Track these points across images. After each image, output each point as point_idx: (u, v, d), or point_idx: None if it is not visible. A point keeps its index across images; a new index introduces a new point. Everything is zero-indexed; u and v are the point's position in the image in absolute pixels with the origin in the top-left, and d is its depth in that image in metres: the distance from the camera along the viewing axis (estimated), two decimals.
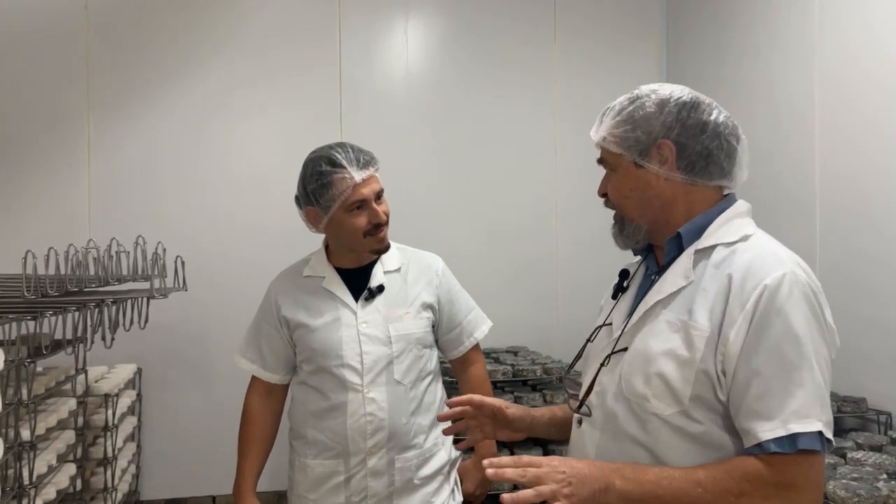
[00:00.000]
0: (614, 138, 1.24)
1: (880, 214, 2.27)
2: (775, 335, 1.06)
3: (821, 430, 1.02)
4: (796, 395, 1.03)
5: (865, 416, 2.28)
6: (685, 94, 1.24)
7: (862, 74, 2.35)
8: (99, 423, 2.36)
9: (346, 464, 1.79)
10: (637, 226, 1.26)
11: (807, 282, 1.10)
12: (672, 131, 1.21)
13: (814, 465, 1.03)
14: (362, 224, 1.77)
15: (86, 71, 2.96)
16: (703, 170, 1.22)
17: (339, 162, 1.76)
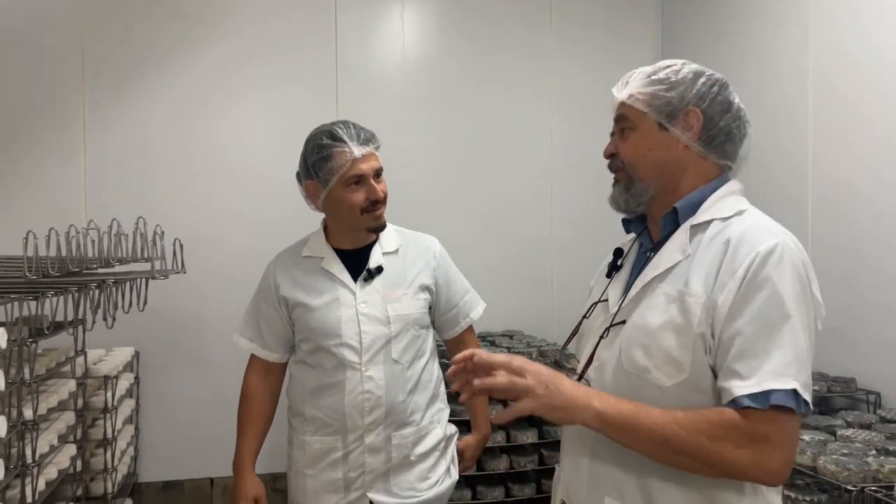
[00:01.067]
0: (643, 96, 1.25)
1: (871, 201, 2.31)
2: (761, 298, 1.09)
3: (795, 388, 1.04)
4: (774, 356, 1.06)
5: (855, 395, 2.32)
6: (717, 73, 1.29)
7: (854, 65, 2.37)
8: (98, 404, 2.38)
9: (343, 440, 1.82)
10: (645, 188, 1.27)
11: (799, 255, 1.13)
12: (703, 101, 1.24)
13: (787, 423, 1.05)
14: (360, 200, 1.79)
15: (80, 53, 2.95)
16: (720, 146, 1.25)
17: (339, 136, 1.78)
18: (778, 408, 1.04)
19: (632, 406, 1.11)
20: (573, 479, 1.30)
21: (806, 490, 1.86)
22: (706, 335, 1.12)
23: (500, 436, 2.69)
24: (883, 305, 2.26)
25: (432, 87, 3.28)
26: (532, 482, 2.77)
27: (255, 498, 1.87)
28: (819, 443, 1.88)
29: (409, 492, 1.85)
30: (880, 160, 2.27)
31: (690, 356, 1.12)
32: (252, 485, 1.88)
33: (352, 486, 1.82)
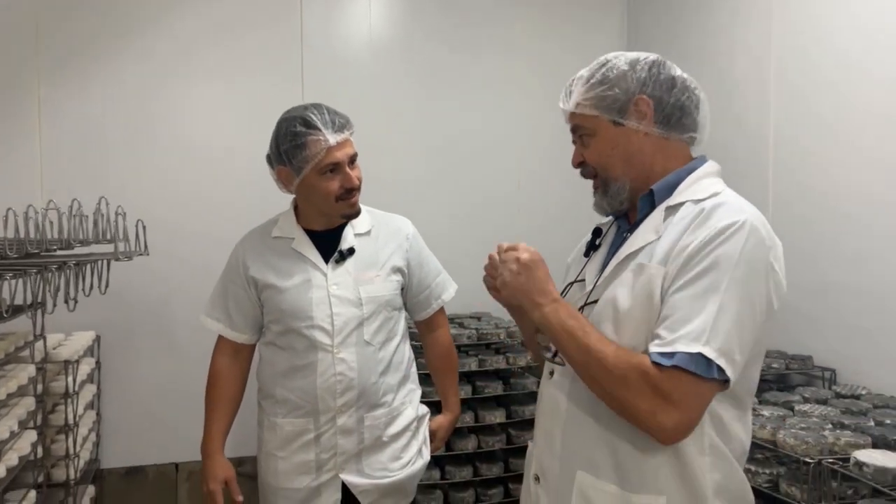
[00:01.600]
0: (589, 101, 1.27)
1: (830, 182, 2.37)
2: (699, 268, 1.12)
3: (702, 352, 1.07)
4: (693, 322, 1.10)
5: (811, 372, 2.40)
6: (650, 54, 1.30)
7: (818, 45, 2.42)
8: (58, 389, 2.33)
9: (315, 422, 1.81)
10: (621, 185, 1.29)
11: (761, 233, 1.16)
12: (647, 86, 1.26)
13: (690, 385, 1.09)
14: (334, 188, 1.77)
15: (35, 29, 2.84)
16: (678, 122, 1.27)
17: (314, 123, 1.74)
18: (681, 369, 1.08)
19: (577, 324, 1.18)
20: (546, 453, 1.33)
21: (765, 463, 1.91)
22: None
23: (469, 416, 2.72)
24: (839, 284, 2.33)
25: (399, 64, 3.25)
26: (500, 461, 2.80)
27: (224, 480, 1.85)
28: (778, 418, 1.94)
29: (381, 472, 1.86)
30: (840, 140, 2.33)
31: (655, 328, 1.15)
32: (222, 467, 1.86)
33: (324, 468, 1.82)
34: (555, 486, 1.29)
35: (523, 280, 1.24)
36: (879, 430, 1.80)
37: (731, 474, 1.21)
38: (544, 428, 1.35)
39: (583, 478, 1.24)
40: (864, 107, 2.24)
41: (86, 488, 2.63)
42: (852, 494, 1.71)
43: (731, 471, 1.20)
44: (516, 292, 1.26)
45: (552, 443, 1.31)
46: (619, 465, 1.21)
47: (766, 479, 1.86)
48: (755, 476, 1.87)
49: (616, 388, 1.13)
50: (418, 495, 2.69)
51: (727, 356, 1.09)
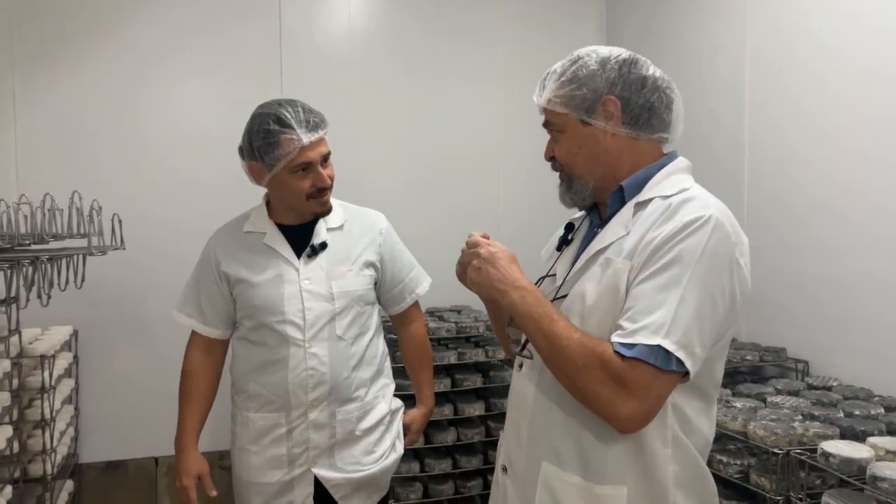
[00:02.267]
0: (559, 99, 1.27)
1: (806, 174, 2.38)
2: (662, 262, 1.14)
3: (661, 344, 1.09)
4: (655, 314, 1.11)
5: (784, 364, 2.42)
6: (623, 52, 1.29)
7: (792, 34, 2.44)
8: (34, 384, 2.32)
9: (287, 416, 1.81)
10: (584, 183, 1.30)
11: (726, 229, 1.16)
12: (616, 87, 1.25)
13: (649, 376, 1.10)
14: (306, 187, 1.76)
15: (8, 20, 2.81)
16: (647, 123, 1.27)
17: (287, 122, 1.73)
18: (641, 360, 1.10)
19: (544, 311, 1.19)
20: (513, 444, 1.34)
21: (737, 454, 1.93)
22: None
23: (448, 409, 2.73)
24: (814, 275, 2.35)
25: (379, 57, 3.24)
26: (479, 454, 2.82)
27: (198, 475, 1.85)
28: (750, 409, 1.96)
29: (353, 466, 1.87)
30: (816, 132, 2.34)
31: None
32: (195, 462, 1.86)
33: (296, 462, 1.82)
34: (521, 477, 1.31)
35: (485, 273, 1.26)
36: (848, 420, 1.82)
37: (693, 466, 1.22)
38: (512, 419, 1.36)
39: (547, 469, 1.25)
40: (840, 98, 2.25)
41: (63, 483, 2.63)
42: (820, 484, 1.74)
43: (692, 463, 1.22)
44: (482, 286, 1.28)
45: (519, 434, 1.32)
46: (582, 456, 1.22)
47: (737, 470, 1.88)
48: (726, 467, 1.89)
49: (578, 375, 1.14)
50: (398, 488, 2.71)
51: (686, 349, 1.11)
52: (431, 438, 2.72)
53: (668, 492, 1.19)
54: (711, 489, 1.27)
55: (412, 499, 2.72)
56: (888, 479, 1.44)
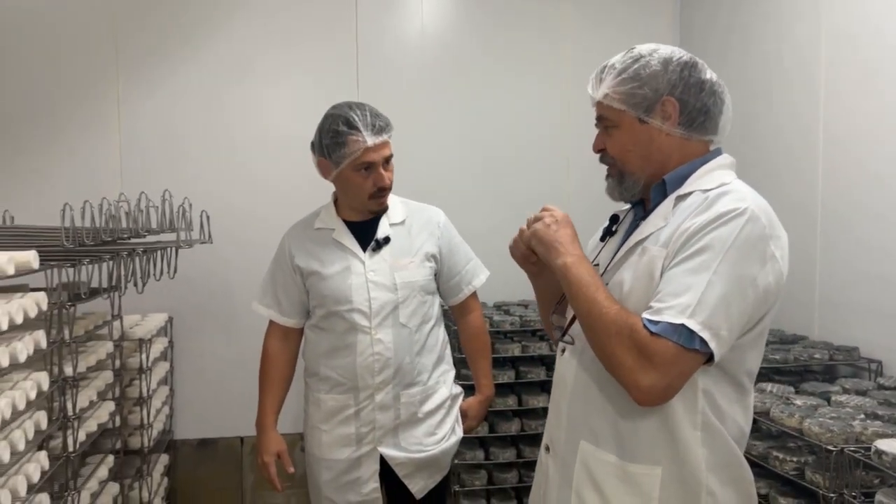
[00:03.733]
0: (618, 95, 1.31)
1: (882, 172, 2.31)
2: (694, 248, 1.18)
3: (684, 323, 1.14)
4: (683, 297, 1.16)
5: (857, 364, 2.37)
6: (685, 54, 1.33)
7: (869, 31, 2.38)
8: (134, 365, 2.56)
9: (355, 398, 1.95)
10: (636, 179, 1.35)
11: (761, 222, 1.20)
12: (676, 89, 1.29)
13: (671, 353, 1.15)
14: (368, 186, 1.90)
15: (114, 34, 3.09)
16: (701, 125, 1.31)
17: (354, 124, 1.86)
18: (664, 337, 1.15)
19: (592, 280, 1.25)
20: (554, 424, 1.42)
21: (796, 452, 1.93)
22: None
23: (512, 399, 2.81)
24: (888, 275, 2.29)
25: (450, 62, 3.34)
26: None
27: (277, 452, 2.02)
28: (811, 407, 1.94)
29: (416, 446, 1.98)
30: (891, 129, 2.29)
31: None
32: (274, 441, 2.03)
33: (363, 441, 1.96)
34: (561, 456, 1.38)
35: (553, 231, 1.32)
36: None
37: (727, 452, 1.26)
38: (554, 401, 1.44)
39: (585, 447, 1.32)
40: None
41: (159, 456, 2.87)
42: (879, 484, 1.71)
43: (726, 449, 1.26)
44: (544, 240, 1.32)
45: (559, 415, 1.40)
46: (618, 435, 1.28)
47: (793, 467, 1.87)
48: (783, 464, 1.89)
49: (608, 342, 1.20)
50: (463, 475, 2.82)
51: (711, 330, 1.15)
52: (496, 428, 2.81)
53: (701, 475, 1.23)
54: (748, 476, 1.30)
55: (477, 485, 2.82)
56: None
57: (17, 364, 1.59)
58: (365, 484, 1.96)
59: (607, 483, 1.29)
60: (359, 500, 1.97)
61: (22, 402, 1.59)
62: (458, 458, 2.76)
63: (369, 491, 1.97)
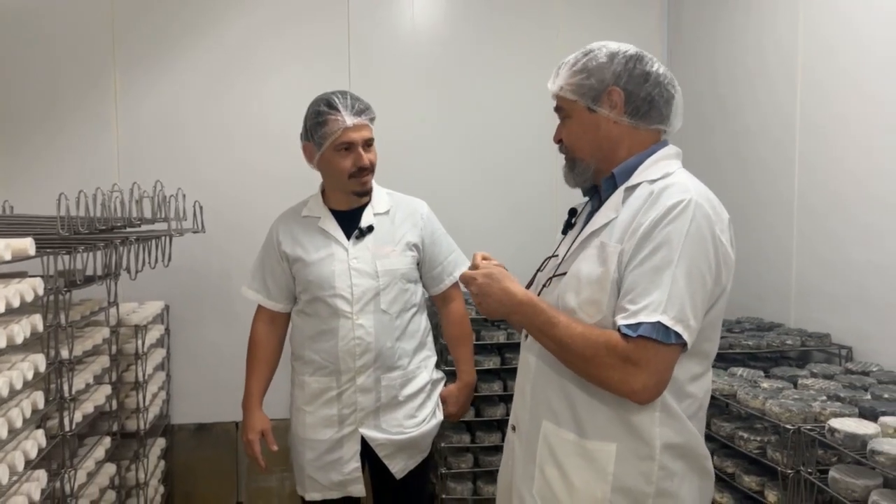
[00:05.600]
0: (570, 87, 1.42)
1: (857, 166, 2.37)
2: (651, 247, 1.27)
3: (661, 321, 1.22)
4: (652, 294, 1.24)
5: (828, 350, 2.44)
6: (631, 48, 1.43)
7: (848, 16, 2.44)
8: (130, 350, 2.64)
9: (337, 380, 2.03)
10: (586, 165, 1.44)
11: (705, 209, 1.28)
12: (621, 79, 1.39)
13: (654, 351, 1.24)
14: (347, 165, 1.98)
15: (111, 27, 3.17)
16: (646, 114, 1.40)
17: (335, 105, 1.97)
18: (646, 337, 1.23)
19: (545, 319, 1.33)
20: (520, 405, 1.51)
21: (761, 432, 2.00)
22: (619, 280, 1.30)
23: (497, 385, 2.88)
24: (859, 263, 2.35)
25: (441, 54, 3.41)
26: None
27: (261, 431, 2.11)
28: (776, 390, 2.02)
29: (397, 428, 2.07)
30: (869, 121, 2.35)
31: (607, 298, 1.31)
32: (259, 420, 2.12)
33: (345, 422, 2.04)
34: (526, 435, 1.47)
35: (486, 304, 1.40)
36: (872, 402, 1.86)
37: (682, 430, 1.34)
38: (519, 384, 1.53)
39: (546, 426, 1.41)
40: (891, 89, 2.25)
41: (155, 440, 2.97)
42: (837, 461, 1.79)
43: (681, 427, 1.34)
44: (491, 314, 1.43)
45: (524, 397, 1.49)
46: (576, 415, 1.37)
47: (756, 446, 1.95)
48: (747, 443, 1.97)
49: (588, 366, 1.29)
50: (450, 458, 2.90)
51: (682, 322, 1.24)
52: (482, 412, 2.89)
53: (656, 451, 1.32)
54: (702, 453, 1.39)
55: (463, 468, 2.90)
56: (884, 453, 1.50)
57: (14, 346, 1.67)
58: (346, 464, 2.05)
59: (567, 459, 1.38)
60: (340, 479, 2.06)
61: (19, 382, 1.68)
62: (444, 442, 2.85)
63: (350, 471, 2.06)
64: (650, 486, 1.32)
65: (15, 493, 1.69)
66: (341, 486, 2.07)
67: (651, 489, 1.32)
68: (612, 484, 1.33)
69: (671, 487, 1.34)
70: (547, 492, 1.40)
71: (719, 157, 3.03)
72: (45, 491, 1.82)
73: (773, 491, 1.92)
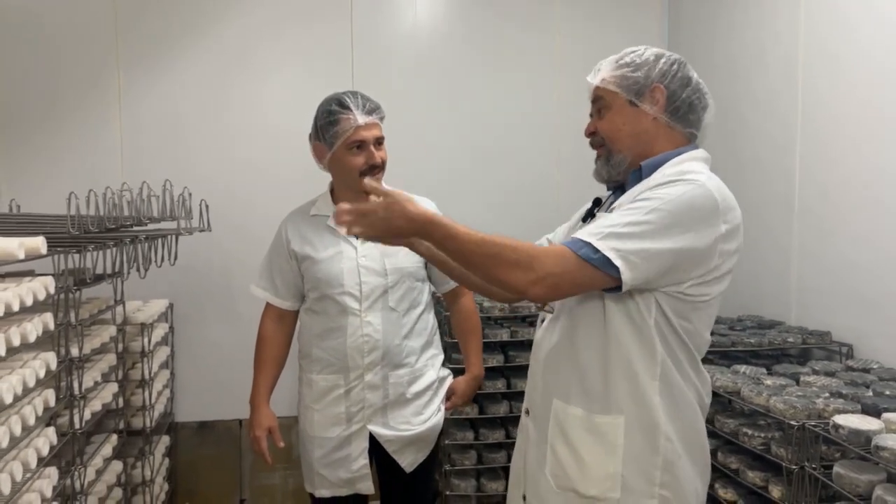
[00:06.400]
0: (614, 79, 1.45)
1: (856, 167, 2.41)
2: (639, 198, 1.31)
3: (590, 241, 1.26)
4: (599, 226, 1.29)
5: (829, 347, 2.48)
6: (675, 54, 1.47)
7: (848, 23, 2.46)
8: (136, 349, 2.66)
9: (345, 378, 2.05)
10: (623, 157, 1.46)
11: (713, 194, 1.31)
12: (665, 78, 1.43)
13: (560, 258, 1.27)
14: (359, 163, 2.00)
15: (114, 27, 3.17)
16: (684, 116, 1.44)
17: (346, 104, 1.99)
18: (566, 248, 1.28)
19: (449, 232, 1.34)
20: (532, 388, 1.56)
21: (765, 429, 2.03)
22: None
23: (501, 383, 2.91)
24: (857, 264, 2.39)
25: (443, 53, 3.43)
26: None
27: (268, 428, 2.13)
28: (779, 387, 2.05)
29: (404, 425, 2.09)
30: (863, 126, 2.38)
31: None
32: (266, 417, 2.14)
33: (353, 419, 2.06)
34: (539, 415, 1.51)
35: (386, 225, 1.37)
36: (874, 399, 1.89)
37: (684, 406, 1.38)
38: (532, 367, 1.57)
39: (557, 404, 1.45)
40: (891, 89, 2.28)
41: (160, 437, 2.98)
42: (840, 457, 1.82)
43: (683, 402, 1.38)
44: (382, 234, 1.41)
45: (536, 379, 1.53)
46: (584, 391, 1.41)
47: (760, 442, 1.98)
48: (751, 439, 2.00)
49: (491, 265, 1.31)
50: (454, 454, 2.92)
51: (620, 253, 1.25)
52: (485, 409, 2.91)
53: (661, 421, 1.36)
54: (701, 429, 1.43)
55: (467, 465, 2.93)
56: (889, 448, 1.53)
57: (27, 344, 1.69)
58: (355, 461, 2.07)
59: (576, 435, 1.41)
60: (349, 476, 2.07)
61: (32, 379, 1.69)
62: (448, 439, 2.87)
63: (359, 468, 2.07)
64: (657, 456, 1.36)
65: (28, 489, 1.70)
66: (350, 484, 2.08)
67: (658, 459, 1.36)
68: (623, 458, 1.37)
69: (676, 459, 1.37)
70: (559, 471, 1.43)
71: (719, 157, 3.03)
72: (56, 488, 1.83)
73: (777, 486, 1.95)
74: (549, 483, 1.45)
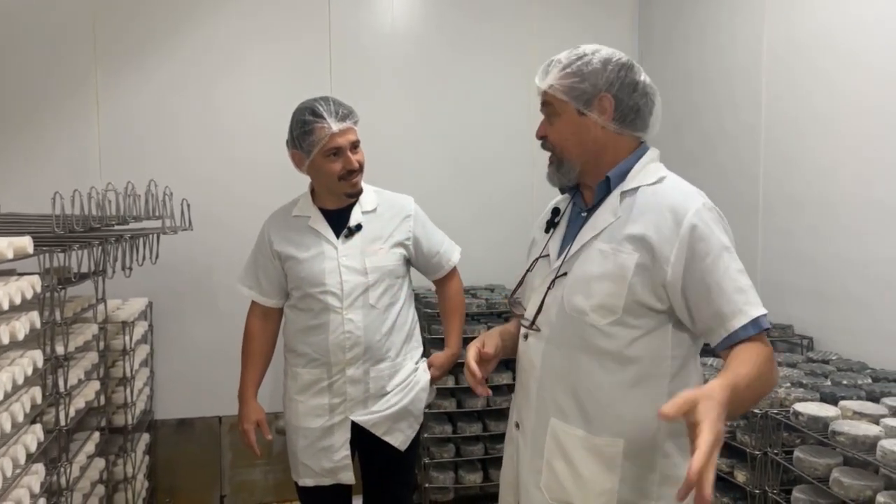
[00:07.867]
0: (562, 87, 1.44)
1: (817, 167, 2.52)
2: (711, 251, 1.33)
3: (763, 312, 1.32)
4: (747, 291, 1.32)
5: (791, 340, 2.59)
6: (623, 56, 1.47)
7: (806, 31, 2.58)
8: (118, 346, 2.68)
9: (328, 372, 2.11)
10: (572, 166, 1.48)
11: (713, 207, 1.38)
12: (613, 87, 1.43)
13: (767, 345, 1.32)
14: (337, 169, 2.05)
15: (92, 24, 3.18)
16: (632, 122, 1.45)
17: (320, 113, 2.03)
18: (764, 330, 1.32)
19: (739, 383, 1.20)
20: (523, 404, 1.54)
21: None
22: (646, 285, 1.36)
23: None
24: (818, 261, 2.50)
25: (420, 56, 3.49)
26: (507, 418, 3.06)
27: (256, 421, 2.19)
28: None
29: (387, 407, 2.15)
30: (827, 124, 2.49)
31: (622, 302, 1.37)
32: (254, 410, 2.20)
33: (335, 411, 2.12)
34: (532, 431, 1.50)
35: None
36: (832, 388, 2.00)
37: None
38: (522, 382, 1.56)
39: (555, 423, 1.45)
40: (849, 97, 2.39)
41: (141, 435, 3.00)
42: (801, 443, 1.92)
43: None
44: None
45: (528, 396, 1.51)
46: (585, 413, 1.41)
47: (726, 430, 2.07)
48: None
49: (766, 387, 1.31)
50: (432, 448, 2.99)
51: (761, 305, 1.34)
52: (463, 403, 2.99)
53: (659, 441, 1.38)
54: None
55: (445, 457, 3.00)
56: (844, 434, 1.63)
57: (15, 342, 1.71)
58: (337, 451, 2.13)
59: (575, 453, 1.42)
60: (331, 466, 2.14)
61: (21, 377, 1.72)
62: (427, 433, 2.94)
63: (340, 458, 2.13)
64: (654, 473, 1.39)
65: (17, 486, 1.73)
66: (332, 473, 2.14)
67: (655, 476, 1.39)
68: (621, 475, 1.39)
69: (673, 471, 1.39)
70: (554, 483, 1.45)
71: (690, 158, 3.17)
72: (43, 484, 1.86)
73: (742, 471, 2.05)
74: (542, 496, 1.46)
